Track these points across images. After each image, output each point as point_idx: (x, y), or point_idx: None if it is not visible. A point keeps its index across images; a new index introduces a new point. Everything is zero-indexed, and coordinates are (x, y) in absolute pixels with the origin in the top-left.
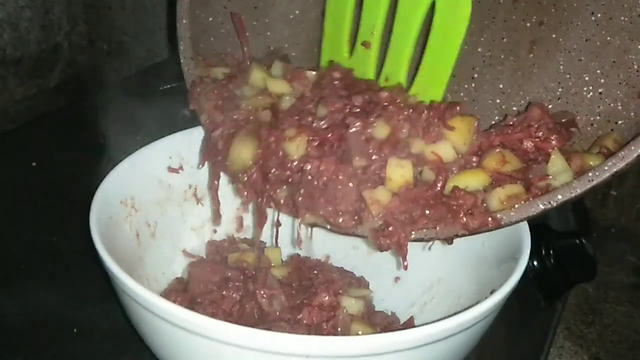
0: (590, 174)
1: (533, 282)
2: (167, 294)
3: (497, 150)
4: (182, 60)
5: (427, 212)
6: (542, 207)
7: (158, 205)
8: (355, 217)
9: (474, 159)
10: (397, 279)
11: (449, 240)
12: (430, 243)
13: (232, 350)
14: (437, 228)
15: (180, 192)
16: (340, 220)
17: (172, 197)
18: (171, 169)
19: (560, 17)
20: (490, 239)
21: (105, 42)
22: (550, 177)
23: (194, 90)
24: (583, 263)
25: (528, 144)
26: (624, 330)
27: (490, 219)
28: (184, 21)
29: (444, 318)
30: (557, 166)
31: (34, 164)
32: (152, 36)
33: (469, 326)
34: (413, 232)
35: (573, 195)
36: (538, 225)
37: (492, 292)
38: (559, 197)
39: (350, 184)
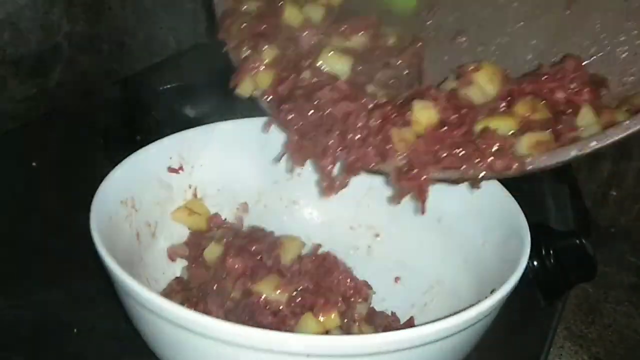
0: (626, 122)
1: (533, 282)
2: (167, 294)
3: (528, 97)
4: None
5: (454, 151)
6: (574, 153)
7: (158, 205)
8: (381, 154)
9: (503, 104)
10: (397, 279)
11: (475, 183)
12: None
13: (232, 350)
14: (462, 167)
15: (181, 192)
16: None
17: (173, 197)
18: (171, 169)
19: None
20: (490, 239)
21: (105, 42)
22: (580, 129)
23: (225, 20)
24: (583, 263)
25: (560, 95)
26: (624, 330)
27: (516, 162)
28: None
29: (444, 318)
30: (587, 120)
31: (34, 164)
32: (152, 36)
33: (469, 326)
34: (436, 172)
35: (608, 142)
36: (538, 225)
37: (492, 292)
38: (594, 143)
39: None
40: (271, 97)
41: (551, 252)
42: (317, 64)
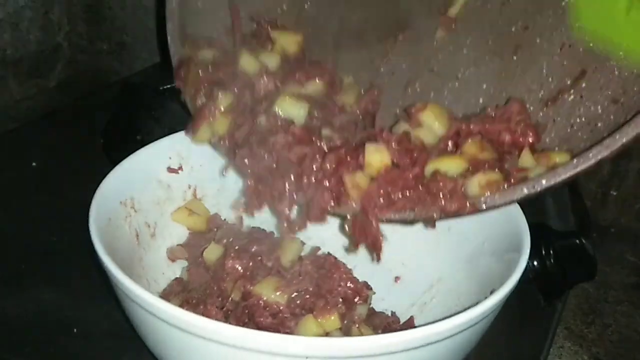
0: (574, 161)
1: (533, 282)
2: (166, 295)
3: (477, 137)
4: (169, 39)
5: (407, 193)
6: (525, 191)
7: (158, 205)
8: (336, 197)
9: (451, 144)
10: (397, 278)
11: (429, 223)
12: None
13: (231, 352)
14: (415, 210)
15: (180, 193)
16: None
17: (172, 198)
18: (171, 169)
19: (545, 23)
20: (490, 239)
21: (105, 42)
22: (529, 169)
23: (181, 69)
24: (583, 263)
25: (506, 137)
26: (624, 330)
27: (468, 203)
28: (174, 2)
29: (444, 318)
30: (527, 161)
31: (34, 164)
32: (152, 36)
33: (469, 326)
34: (392, 213)
35: (558, 180)
36: (538, 225)
37: (492, 292)
38: (543, 182)
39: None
40: (227, 143)
41: (551, 252)
42: (273, 110)
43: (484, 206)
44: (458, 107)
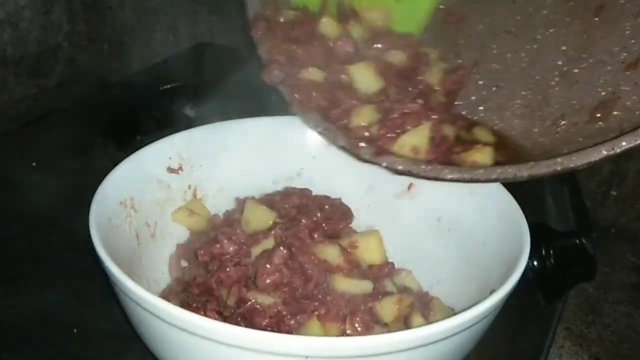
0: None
1: (533, 282)
2: (166, 295)
3: None
4: None
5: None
6: (605, 152)
7: (158, 205)
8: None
9: None
10: None
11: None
12: None
13: (231, 351)
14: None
15: (180, 193)
16: None
17: (172, 198)
18: (171, 170)
19: None
20: (490, 239)
21: (105, 42)
22: None
23: (259, 22)
24: (583, 263)
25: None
26: (624, 330)
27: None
28: None
29: (444, 318)
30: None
31: (34, 164)
32: (152, 36)
33: (469, 326)
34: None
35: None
36: (538, 225)
37: (492, 292)
38: (623, 143)
39: None
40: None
41: (551, 252)
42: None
43: (558, 167)
44: (534, 70)
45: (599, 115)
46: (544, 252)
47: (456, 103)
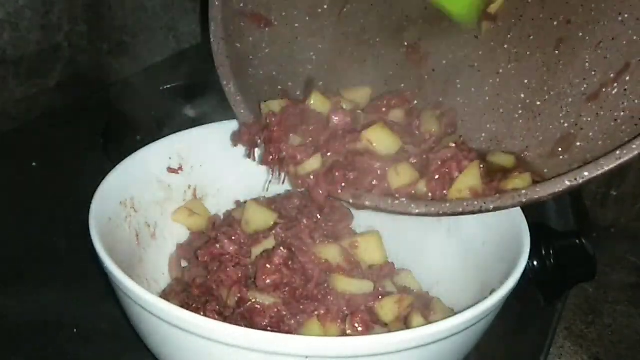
0: (618, 152)
1: (533, 282)
2: (166, 295)
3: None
4: (212, 40)
5: None
6: (567, 183)
7: (158, 205)
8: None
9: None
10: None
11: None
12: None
13: (231, 351)
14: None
15: (180, 193)
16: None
17: (172, 198)
18: (171, 169)
19: (588, 16)
20: (490, 239)
21: (105, 42)
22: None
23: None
24: (583, 263)
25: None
26: (624, 330)
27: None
28: (217, 3)
29: (444, 319)
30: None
31: (34, 164)
32: (152, 36)
33: (468, 326)
34: None
35: (599, 172)
36: (538, 225)
37: (492, 292)
38: (585, 173)
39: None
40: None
41: (551, 252)
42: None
43: (523, 199)
44: (498, 103)
45: (560, 149)
46: (544, 252)
47: None
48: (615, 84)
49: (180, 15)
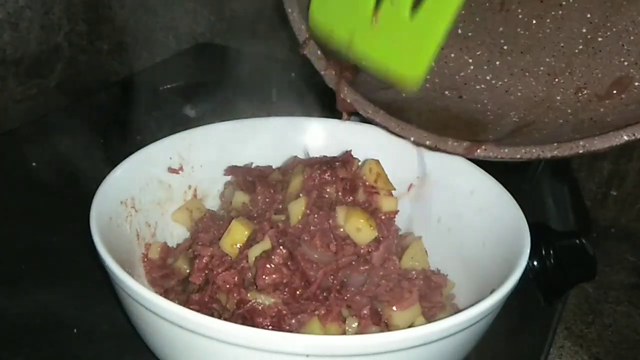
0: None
1: (533, 282)
2: (167, 294)
3: None
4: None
5: None
6: (580, 150)
7: (158, 205)
8: None
9: None
10: None
11: None
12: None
13: (231, 349)
14: None
15: (181, 193)
16: None
17: (173, 198)
18: (171, 170)
19: None
20: (490, 239)
21: (105, 42)
22: None
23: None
24: (583, 263)
25: None
26: (624, 330)
27: None
28: None
29: (444, 318)
30: None
31: (34, 164)
32: (152, 36)
33: (468, 326)
34: None
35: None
36: (538, 225)
37: (492, 292)
38: (596, 141)
39: None
40: None
41: (551, 252)
42: None
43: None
44: (559, 37)
45: (615, 91)
46: (544, 252)
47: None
48: None
49: (180, 15)
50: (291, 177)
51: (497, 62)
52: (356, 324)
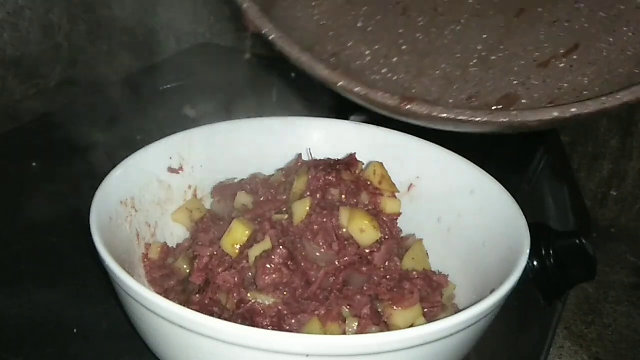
0: (603, 98)
1: (533, 282)
2: (167, 294)
3: None
4: None
5: None
6: (556, 114)
7: (158, 205)
8: None
9: None
10: None
11: None
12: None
13: (231, 349)
14: None
15: (181, 193)
16: None
17: (173, 198)
18: (171, 170)
19: None
20: (490, 239)
21: (105, 42)
22: None
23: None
24: (583, 263)
25: None
26: (624, 330)
27: None
28: None
29: (444, 318)
30: None
31: (34, 164)
32: (152, 36)
33: (468, 326)
34: None
35: (586, 110)
36: (538, 225)
37: (492, 292)
38: (573, 109)
39: None
40: None
41: (551, 252)
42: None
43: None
44: (456, 48)
45: (502, 105)
46: (544, 252)
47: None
48: (564, 59)
49: (180, 16)
50: (296, 177)
51: (395, 59)
52: (356, 324)
